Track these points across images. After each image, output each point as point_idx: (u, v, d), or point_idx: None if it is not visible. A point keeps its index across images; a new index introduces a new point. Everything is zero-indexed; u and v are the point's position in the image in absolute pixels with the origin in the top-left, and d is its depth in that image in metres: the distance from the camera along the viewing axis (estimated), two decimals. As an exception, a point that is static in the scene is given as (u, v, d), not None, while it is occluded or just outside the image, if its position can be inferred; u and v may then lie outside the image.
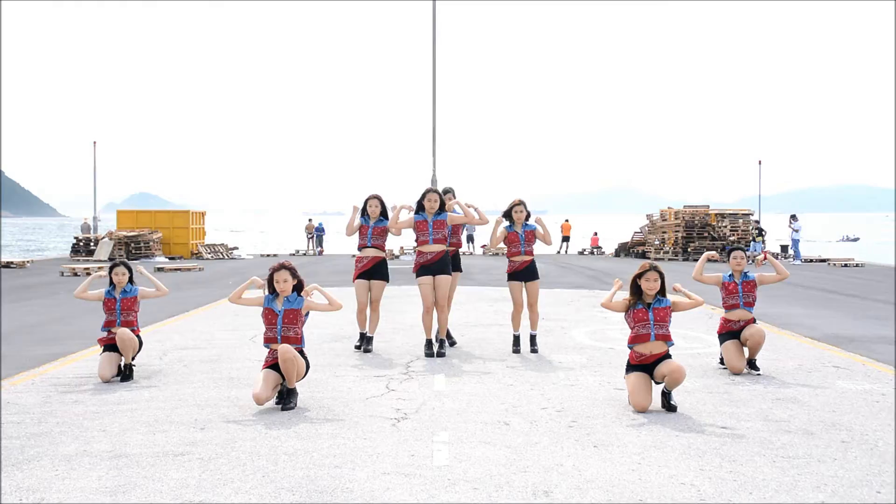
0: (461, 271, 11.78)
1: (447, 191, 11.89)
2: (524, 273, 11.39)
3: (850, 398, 8.56)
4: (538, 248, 11.77)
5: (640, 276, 8.21)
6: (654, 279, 8.15)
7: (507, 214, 11.41)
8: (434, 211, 10.94)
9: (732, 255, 10.22)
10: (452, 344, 11.66)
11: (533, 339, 11.44)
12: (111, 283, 9.75)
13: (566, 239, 46.49)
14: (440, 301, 11.02)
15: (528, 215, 11.43)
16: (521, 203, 11.40)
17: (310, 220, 48.31)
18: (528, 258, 11.38)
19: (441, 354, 10.96)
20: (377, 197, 11.37)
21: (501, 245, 11.83)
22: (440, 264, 10.99)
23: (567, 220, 48.27)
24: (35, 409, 8.01)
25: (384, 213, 11.38)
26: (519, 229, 11.34)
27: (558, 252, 45.32)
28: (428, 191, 11.04)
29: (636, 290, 8.24)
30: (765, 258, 10.39)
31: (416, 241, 11.09)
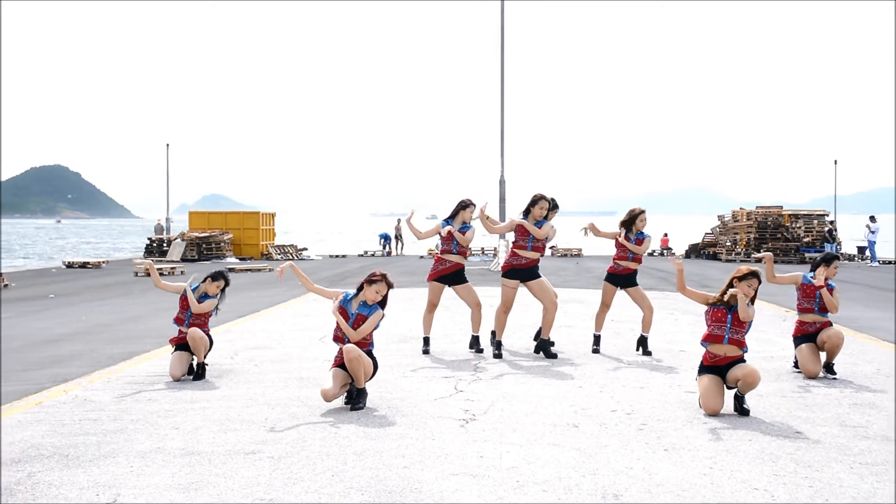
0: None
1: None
2: (623, 278, 11.35)
3: (931, 403, 8.32)
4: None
5: (741, 279, 8.02)
6: (754, 287, 8.00)
7: (629, 220, 11.30)
8: (542, 217, 10.85)
9: (833, 264, 9.97)
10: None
11: (644, 340, 11.33)
12: (204, 292, 9.81)
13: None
14: (548, 302, 10.90)
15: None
16: (643, 211, 11.38)
17: (399, 220, 48.50)
18: (633, 266, 11.31)
19: (551, 356, 10.88)
20: (473, 203, 11.33)
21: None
22: (531, 270, 10.92)
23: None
24: (111, 407, 8.17)
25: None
26: (633, 235, 11.27)
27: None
28: (540, 197, 10.89)
29: (728, 288, 8.05)
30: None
31: (514, 243, 11.00)
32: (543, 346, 11.02)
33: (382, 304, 8.29)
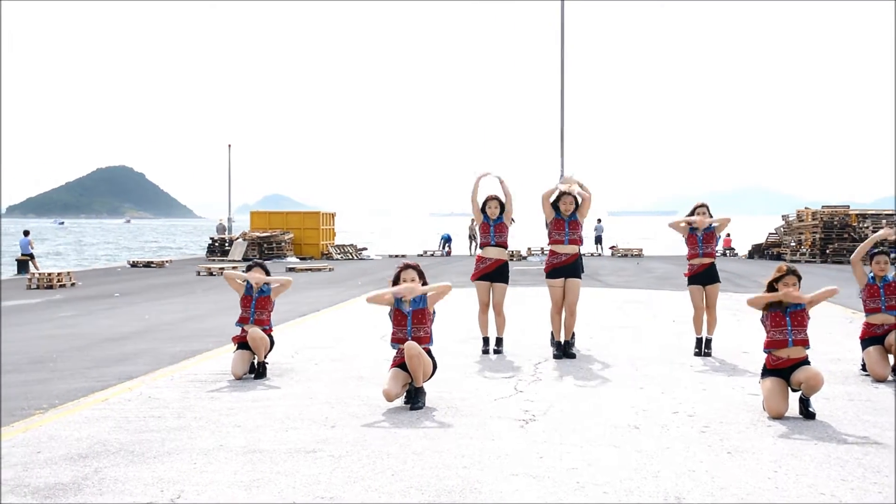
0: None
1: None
2: (704, 276, 11.18)
3: None
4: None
5: (777, 280, 7.92)
6: (791, 283, 7.85)
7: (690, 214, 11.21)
8: (569, 212, 10.82)
9: (875, 259, 9.75)
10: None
11: (708, 342, 11.21)
12: (248, 283, 9.98)
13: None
14: (569, 305, 10.92)
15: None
16: (704, 206, 11.22)
17: (472, 220, 48.59)
18: (707, 261, 11.15)
19: (571, 356, 10.85)
20: (496, 198, 11.29)
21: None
22: (573, 267, 10.90)
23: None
24: (174, 405, 8.29)
25: (502, 211, 11.30)
26: (699, 232, 11.14)
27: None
28: (562, 194, 10.88)
29: (770, 292, 7.93)
30: None
31: (550, 239, 10.98)
32: (565, 347, 10.97)
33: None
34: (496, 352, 11.30)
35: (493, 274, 11.29)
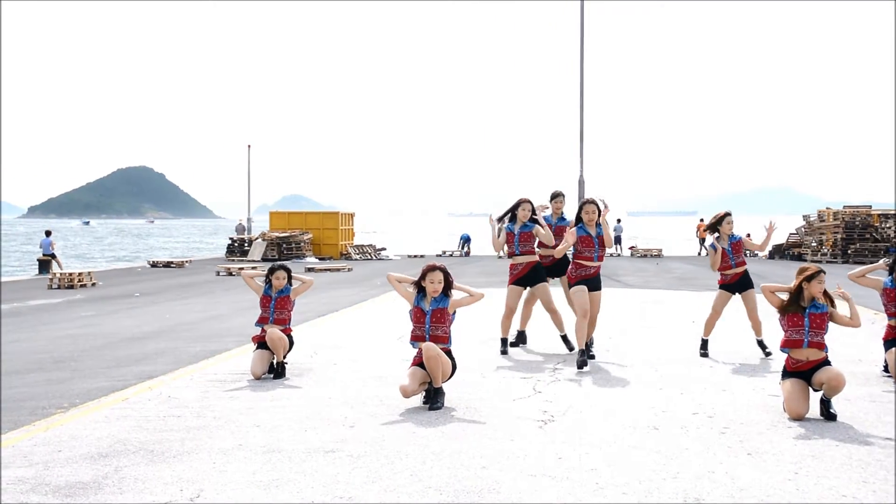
0: (546, 281, 11.45)
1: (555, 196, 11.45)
2: (737, 284, 11.23)
3: None
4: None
5: (808, 279, 7.81)
6: (822, 282, 7.80)
7: (713, 227, 11.19)
8: (594, 222, 10.51)
9: None
10: (591, 356, 11.32)
11: (761, 343, 11.25)
12: (269, 283, 10.01)
13: (702, 241, 44.39)
14: (592, 316, 10.75)
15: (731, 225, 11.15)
16: (729, 214, 11.22)
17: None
18: (739, 270, 11.17)
19: (590, 356, 10.76)
20: (529, 201, 11.19)
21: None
22: (597, 280, 10.71)
23: (702, 220, 46.39)
24: (194, 404, 8.31)
25: (532, 219, 11.19)
26: (725, 243, 11.12)
27: (698, 254, 44.21)
28: (586, 202, 10.64)
29: (798, 292, 7.87)
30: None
31: (579, 254, 10.64)
32: (580, 352, 10.85)
33: (447, 290, 8.34)
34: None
35: (528, 277, 11.22)
